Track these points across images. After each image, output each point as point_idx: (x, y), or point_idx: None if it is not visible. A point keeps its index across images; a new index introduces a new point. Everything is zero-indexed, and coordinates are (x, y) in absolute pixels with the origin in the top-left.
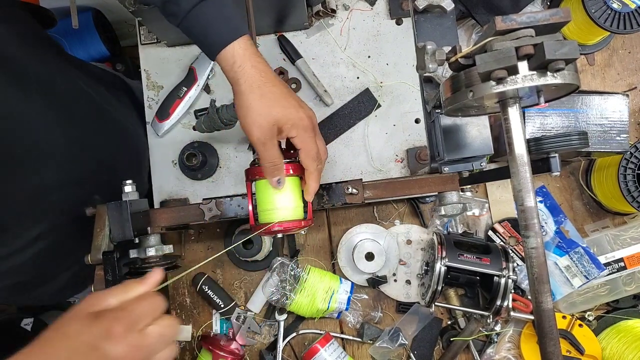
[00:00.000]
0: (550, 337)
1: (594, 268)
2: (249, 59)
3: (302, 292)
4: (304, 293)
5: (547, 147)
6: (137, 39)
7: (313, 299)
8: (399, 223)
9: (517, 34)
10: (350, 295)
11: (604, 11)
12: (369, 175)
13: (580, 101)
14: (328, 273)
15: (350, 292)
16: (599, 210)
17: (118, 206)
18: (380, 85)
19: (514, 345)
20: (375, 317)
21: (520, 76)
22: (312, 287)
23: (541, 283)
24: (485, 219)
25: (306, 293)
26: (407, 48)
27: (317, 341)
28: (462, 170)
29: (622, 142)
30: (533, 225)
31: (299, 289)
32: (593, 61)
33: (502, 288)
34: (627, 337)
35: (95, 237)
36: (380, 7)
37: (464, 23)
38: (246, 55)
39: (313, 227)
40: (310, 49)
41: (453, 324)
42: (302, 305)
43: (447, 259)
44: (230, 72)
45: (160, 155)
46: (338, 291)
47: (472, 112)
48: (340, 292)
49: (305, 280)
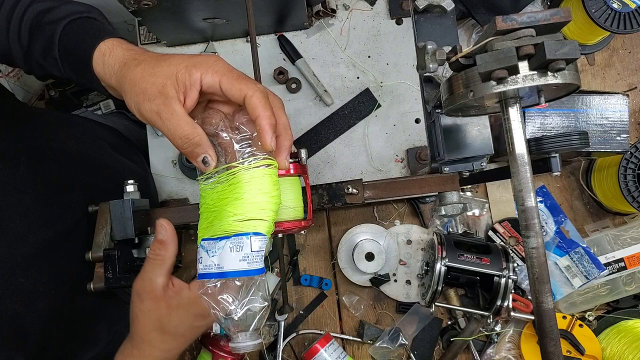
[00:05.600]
0: (551, 337)
1: (594, 268)
2: (119, 46)
3: (221, 186)
4: (221, 190)
5: (547, 147)
6: (137, 39)
7: (220, 210)
8: (399, 223)
9: (518, 33)
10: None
11: (604, 11)
12: (369, 175)
13: (580, 101)
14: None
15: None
16: (599, 210)
17: (120, 204)
18: (380, 85)
19: (514, 345)
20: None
21: (521, 76)
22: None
23: (542, 283)
24: (485, 219)
25: (223, 193)
26: (407, 48)
27: (317, 341)
28: (462, 170)
29: (622, 142)
30: (533, 225)
31: (222, 179)
32: (593, 61)
33: (502, 288)
34: (628, 337)
35: (97, 235)
36: (380, 7)
37: (464, 23)
38: (116, 45)
39: (313, 227)
40: (310, 49)
41: (453, 324)
42: (207, 204)
43: (447, 259)
44: (106, 69)
45: (160, 155)
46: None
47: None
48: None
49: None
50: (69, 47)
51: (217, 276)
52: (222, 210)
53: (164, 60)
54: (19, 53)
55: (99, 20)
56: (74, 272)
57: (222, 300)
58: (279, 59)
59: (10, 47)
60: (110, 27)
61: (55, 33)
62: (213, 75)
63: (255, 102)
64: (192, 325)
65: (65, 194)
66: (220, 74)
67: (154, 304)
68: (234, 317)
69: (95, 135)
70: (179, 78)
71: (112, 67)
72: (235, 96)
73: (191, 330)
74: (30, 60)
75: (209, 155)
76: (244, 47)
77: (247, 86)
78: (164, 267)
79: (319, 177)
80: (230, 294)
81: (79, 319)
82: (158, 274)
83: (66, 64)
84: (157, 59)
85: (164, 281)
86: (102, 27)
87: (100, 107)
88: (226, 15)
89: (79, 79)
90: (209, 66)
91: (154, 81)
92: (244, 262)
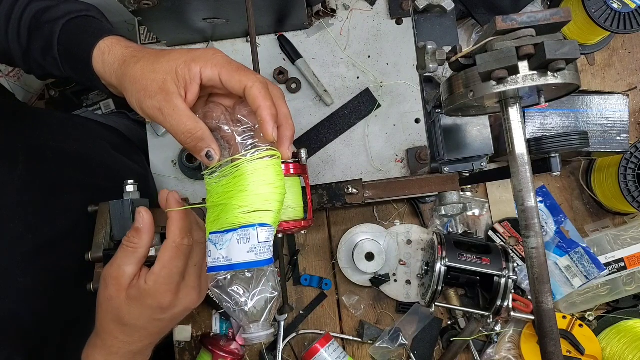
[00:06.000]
0: (551, 337)
1: (594, 268)
2: (118, 44)
3: (226, 179)
4: (225, 184)
5: (547, 147)
6: (137, 39)
7: (226, 203)
8: (399, 223)
9: (518, 33)
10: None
11: (604, 11)
12: (369, 175)
13: (580, 101)
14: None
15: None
16: (599, 210)
17: (120, 205)
18: (380, 85)
19: (514, 345)
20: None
21: (521, 76)
22: (241, 185)
23: (542, 283)
24: (485, 219)
25: (228, 186)
26: (407, 48)
27: (317, 341)
28: (462, 170)
29: (622, 142)
30: (533, 225)
31: (226, 172)
32: (593, 61)
33: (502, 288)
34: (628, 337)
35: (97, 235)
36: (380, 7)
37: (464, 23)
38: (115, 43)
39: (313, 227)
40: (310, 49)
41: (453, 324)
42: (214, 199)
43: (447, 259)
44: (106, 67)
45: (160, 155)
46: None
47: (472, 112)
48: (263, 230)
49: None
50: (68, 47)
51: (226, 269)
52: (227, 204)
53: (163, 56)
54: (18, 53)
55: (97, 19)
56: (73, 272)
57: (232, 293)
58: (279, 59)
59: (10, 47)
60: (109, 26)
61: (54, 32)
62: (212, 69)
63: (255, 92)
64: (153, 318)
65: (65, 194)
66: (219, 66)
67: (116, 292)
68: (245, 309)
69: (95, 135)
70: (179, 73)
71: (112, 65)
72: (235, 88)
73: (152, 323)
74: (30, 60)
75: (212, 149)
76: (244, 47)
77: (247, 77)
78: (135, 256)
79: (319, 177)
80: (241, 285)
81: (78, 319)
82: (128, 262)
83: (66, 64)
84: (156, 55)
85: (133, 270)
86: (101, 25)
87: (101, 106)
88: (226, 15)
89: (79, 78)
90: (208, 59)
91: (154, 77)
92: (251, 253)
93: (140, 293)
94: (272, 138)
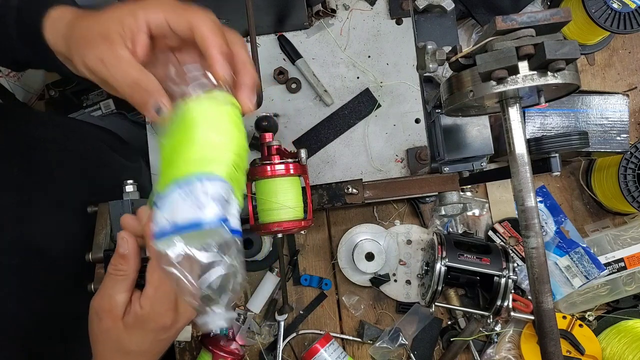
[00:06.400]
0: (551, 337)
1: (594, 268)
2: (71, 12)
3: (170, 130)
4: (171, 135)
5: (547, 147)
6: None
7: (170, 159)
8: (399, 223)
9: (518, 33)
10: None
11: (604, 11)
12: (369, 175)
13: (580, 101)
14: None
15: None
16: (599, 210)
17: (120, 205)
18: (380, 85)
19: (514, 345)
20: None
21: (521, 76)
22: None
23: (541, 283)
24: (485, 219)
25: (172, 137)
26: (407, 48)
27: (317, 341)
28: (462, 170)
29: (622, 142)
30: (533, 225)
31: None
32: (593, 61)
33: (502, 288)
34: (628, 337)
35: (97, 235)
36: (380, 7)
37: (464, 23)
38: (67, 12)
39: (313, 227)
40: (310, 49)
41: (453, 324)
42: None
43: (447, 259)
44: (55, 33)
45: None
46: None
47: (472, 112)
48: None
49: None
50: (21, 20)
51: (171, 233)
52: (172, 160)
53: (110, 9)
54: None
55: None
56: (73, 272)
57: (184, 269)
58: (279, 59)
59: None
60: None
61: (12, 8)
62: (158, 13)
63: (203, 30)
64: (156, 339)
65: (64, 194)
66: (165, 10)
67: (113, 323)
68: (199, 288)
69: (93, 136)
70: (124, 23)
71: (60, 30)
72: (184, 30)
73: (156, 344)
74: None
75: (161, 103)
76: None
77: (195, 15)
78: (125, 283)
79: (319, 177)
80: (195, 261)
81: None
82: (118, 290)
83: (19, 40)
84: (103, 9)
85: (125, 298)
86: None
87: (100, 107)
88: (226, 15)
89: (34, 56)
90: (155, 5)
91: (98, 29)
92: (197, 210)
93: (137, 319)
94: (222, 77)
